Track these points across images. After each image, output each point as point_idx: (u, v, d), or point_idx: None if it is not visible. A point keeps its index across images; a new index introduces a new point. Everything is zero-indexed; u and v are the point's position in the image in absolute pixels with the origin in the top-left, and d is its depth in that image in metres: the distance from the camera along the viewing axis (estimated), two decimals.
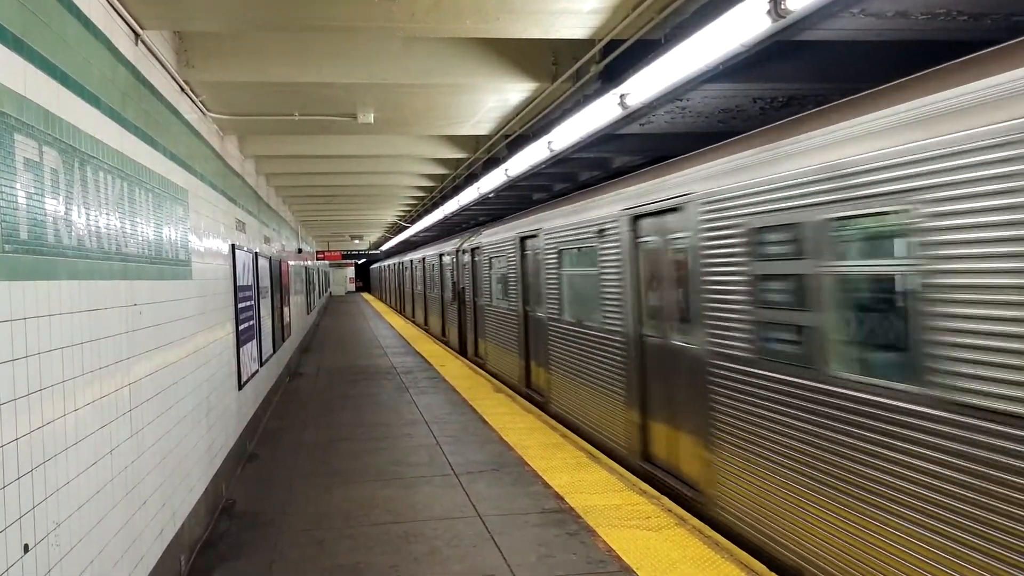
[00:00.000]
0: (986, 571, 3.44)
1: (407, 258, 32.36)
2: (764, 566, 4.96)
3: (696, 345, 6.08)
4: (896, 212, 3.98)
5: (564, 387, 9.61)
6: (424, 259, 25.63)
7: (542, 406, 10.71)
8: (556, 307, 9.78)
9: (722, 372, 5.68)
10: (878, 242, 4.38)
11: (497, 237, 13.44)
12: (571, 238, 9.08)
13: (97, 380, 3.72)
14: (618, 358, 7.78)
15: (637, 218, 7.25)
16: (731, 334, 5.55)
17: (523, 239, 11.58)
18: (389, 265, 44.48)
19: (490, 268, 14.27)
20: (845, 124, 4.40)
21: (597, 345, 8.37)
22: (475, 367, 15.50)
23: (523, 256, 11.69)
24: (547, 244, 10.08)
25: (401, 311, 36.70)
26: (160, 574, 4.70)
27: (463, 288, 17.71)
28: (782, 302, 4.98)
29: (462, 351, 18.47)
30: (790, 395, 4.85)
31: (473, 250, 16.10)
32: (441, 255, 21.11)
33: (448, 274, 19.98)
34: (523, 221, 11.72)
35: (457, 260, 18.37)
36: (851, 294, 4.43)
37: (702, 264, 5.92)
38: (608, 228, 7.87)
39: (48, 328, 3.14)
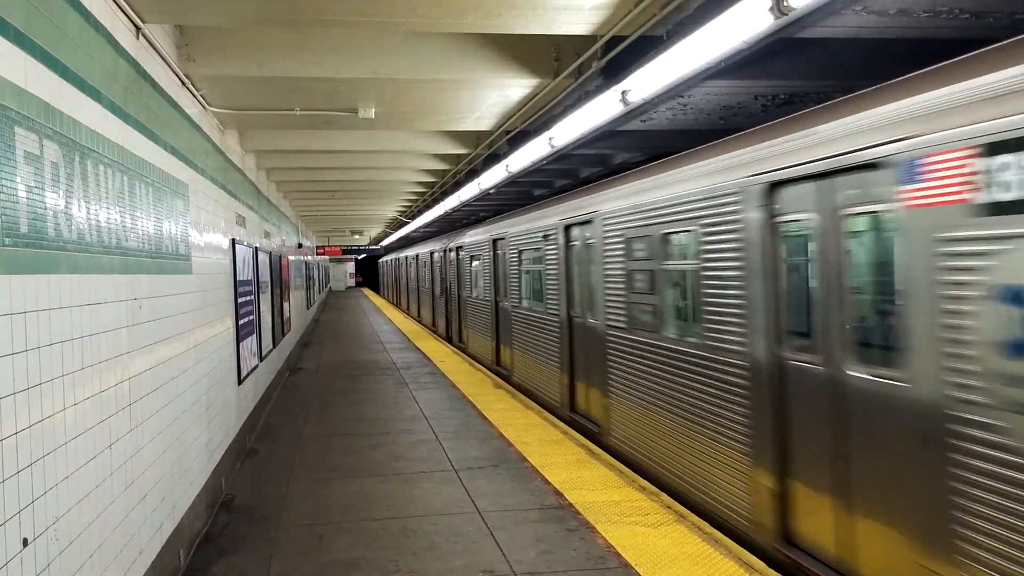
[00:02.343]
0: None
1: (403, 254, 34.05)
2: (763, 563, 4.97)
3: (599, 321, 8.35)
4: (687, 231, 6.32)
5: (522, 361, 11.98)
6: (418, 256, 27.61)
7: (507, 379, 13.03)
8: (516, 297, 12.20)
9: (613, 339, 7.97)
10: (684, 249, 6.54)
11: (476, 238, 15.59)
12: (527, 241, 11.35)
13: (97, 374, 3.72)
14: (555, 335, 10.10)
15: (568, 227, 9.47)
16: (617, 311, 7.85)
17: (495, 240, 13.77)
18: (387, 261, 46.21)
19: (470, 265, 16.47)
20: (672, 172, 6.69)
21: (543, 326, 10.70)
22: (474, 363, 15.52)
23: (495, 255, 13.93)
24: (510, 245, 12.34)
25: (398, 304, 37.92)
26: (159, 568, 4.71)
27: (450, 283, 19.83)
28: (642, 288, 7.28)
29: (448, 338, 20.73)
30: (646, 350, 7.15)
31: (457, 249, 18.10)
32: (432, 252, 23.09)
33: (437, 270, 22.22)
34: (494, 226, 14.10)
35: (444, 257, 20.44)
36: (670, 283, 6.80)
37: (603, 262, 8.13)
38: (550, 234, 10.10)
39: (48, 322, 3.14)
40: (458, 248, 17.91)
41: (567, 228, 9.47)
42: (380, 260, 54.67)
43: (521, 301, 11.87)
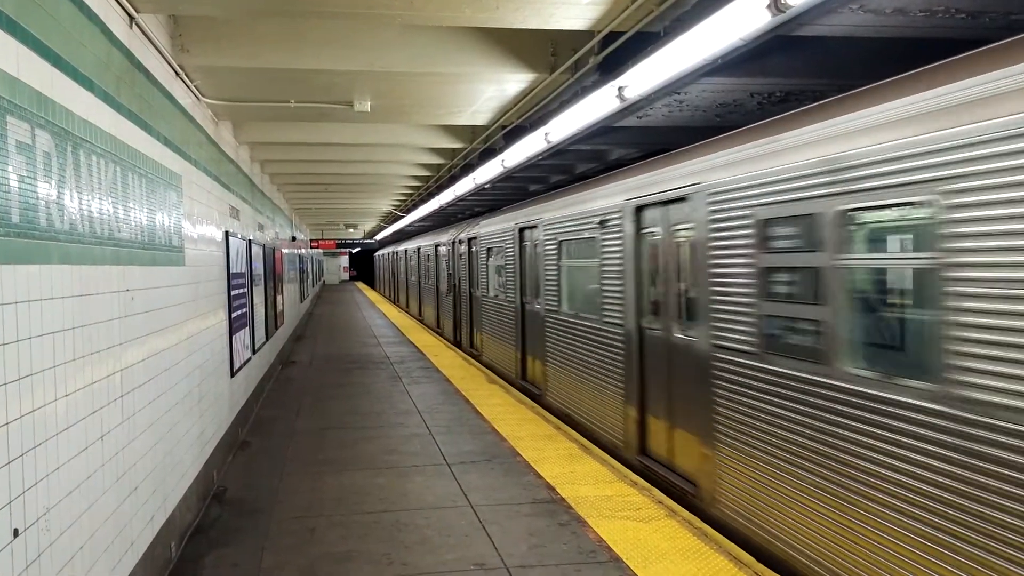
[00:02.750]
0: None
1: (401, 248, 31.90)
2: (752, 557, 4.98)
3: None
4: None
5: (565, 381, 9.43)
6: (419, 249, 25.14)
7: (538, 399, 10.59)
8: (555, 299, 9.77)
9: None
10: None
11: (495, 228, 13.18)
12: (575, 228, 8.97)
13: (89, 365, 3.70)
14: (615, 350, 7.87)
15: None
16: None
17: (522, 230, 11.47)
18: (384, 255, 43.81)
19: (486, 259, 14.09)
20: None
21: (594, 339, 8.46)
22: (469, 358, 15.33)
23: (521, 248, 11.55)
24: (548, 235, 9.97)
25: (395, 300, 35.99)
26: (150, 560, 4.70)
27: (459, 280, 17.37)
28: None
29: (456, 342, 18.13)
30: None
31: (470, 241, 15.77)
32: (437, 245, 20.70)
33: (443, 265, 19.71)
34: (522, 212, 11.57)
35: (453, 251, 17.99)
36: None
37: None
38: (612, 219, 7.86)
39: (40, 313, 3.12)
40: (470, 240, 15.67)
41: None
42: (376, 254, 52.19)
43: (561, 305, 9.61)
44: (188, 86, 6.63)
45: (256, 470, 7.51)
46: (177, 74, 6.15)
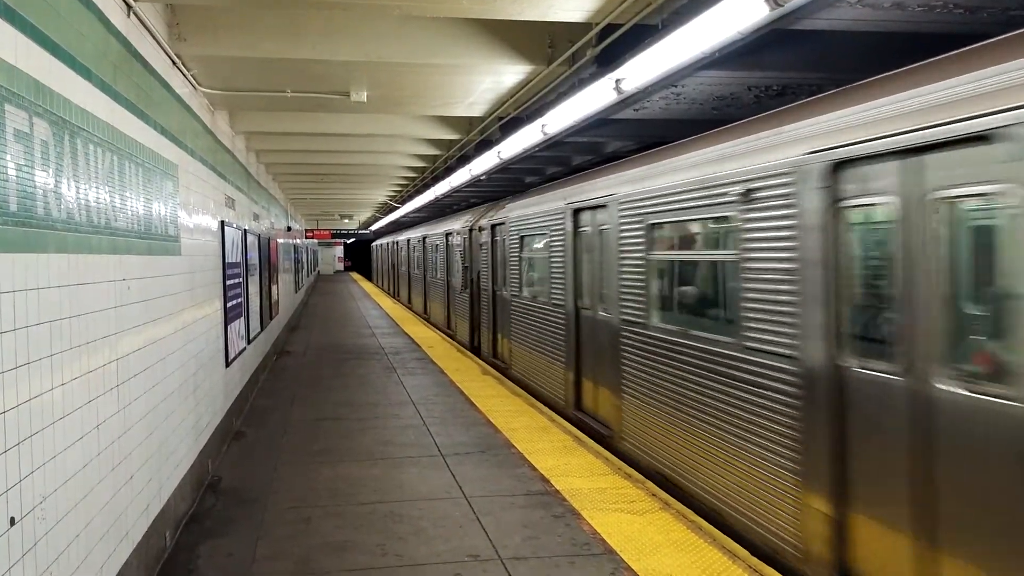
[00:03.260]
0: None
1: (403, 237, 29.02)
2: (746, 551, 5.01)
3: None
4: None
5: (657, 427, 6.77)
6: (425, 239, 22.15)
7: (606, 441, 7.87)
8: (639, 307, 7.11)
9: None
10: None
11: (535, 210, 10.55)
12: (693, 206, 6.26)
13: (84, 354, 3.70)
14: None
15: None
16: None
17: (577, 212, 8.82)
18: (383, 245, 41.01)
19: (520, 249, 11.33)
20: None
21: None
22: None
23: (576, 235, 8.91)
24: (629, 216, 7.29)
25: (395, 295, 33.20)
26: (145, 549, 4.71)
27: (478, 274, 14.65)
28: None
29: (474, 348, 15.20)
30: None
31: (494, 227, 13.09)
32: (448, 234, 17.89)
33: (457, 256, 16.79)
34: (576, 187, 9.05)
35: (470, 240, 15.17)
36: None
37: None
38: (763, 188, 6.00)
39: (36, 301, 3.12)
40: (495, 226, 13.01)
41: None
42: (374, 244, 49.29)
43: (650, 316, 6.85)
44: (185, 75, 6.60)
45: (251, 460, 7.52)
46: (174, 63, 6.12)
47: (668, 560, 4.91)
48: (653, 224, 6.80)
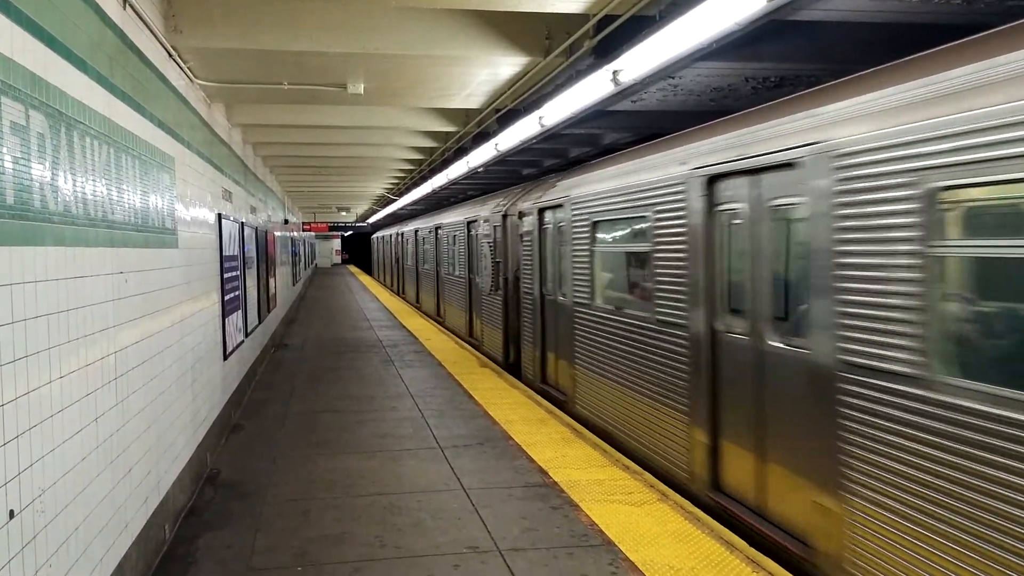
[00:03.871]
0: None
1: (410, 228, 25.32)
2: (744, 542, 5.03)
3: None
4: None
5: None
6: (437, 229, 19.00)
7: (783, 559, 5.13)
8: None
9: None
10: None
11: (618, 183, 7.53)
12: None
13: (82, 348, 3.70)
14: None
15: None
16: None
17: (712, 180, 5.84)
18: (383, 238, 38.14)
19: (591, 241, 8.24)
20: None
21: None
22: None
23: (707, 222, 5.93)
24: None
25: (400, 293, 29.52)
26: (144, 542, 4.71)
27: (514, 272, 11.72)
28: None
29: (509, 366, 12.18)
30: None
31: (542, 211, 10.09)
32: (471, 222, 14.87)
33: (484, 249, 13.59)
34: (722, 141, 5.83)
35: (504, 229, 12.19)
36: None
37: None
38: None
39: (34, 295, 3.12)
40: (543, 211, 10.02)
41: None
42: (375, 236, 45.12)
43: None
44: (181, 67, 6.58)
45: (249, 453, 7.52)
46: (170, 55, 6.10)
47: (666, 551, 4.93)
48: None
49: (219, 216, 8.14)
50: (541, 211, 10.13)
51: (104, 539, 3.95)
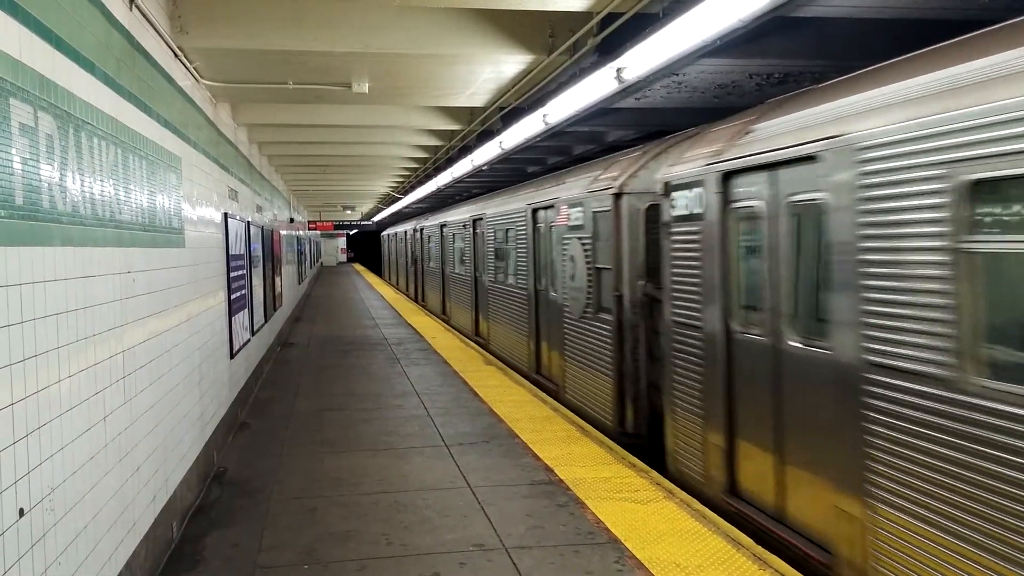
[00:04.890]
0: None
1: (432, 221, 21.09)
2: (750, 539, 5.04)
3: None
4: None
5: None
6: (475, 222, 14.79)
7: None
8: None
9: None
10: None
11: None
12: None
13: (91, 347, 3.73)
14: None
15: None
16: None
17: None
18: (394, 235, 34.01)
19: (731, 241, 5.66)
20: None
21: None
22: (472, 343, 12.63)
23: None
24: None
25: (418, 299, 25.26)
26: (152, 540, 4.74)
27: (644, 288, 7.63)
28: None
29: (637, 447, 7.47)
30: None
31: (727, 178, 5.61)
32: (536, 210, 10.66)
33: (574, 249, 8.86)
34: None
35: (616, 216, 7.79)
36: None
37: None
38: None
39: (43, 294, 3.14)
40: (618, 195, 7.68)
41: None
42: (384, 233, 42.09)
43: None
44: (187, 68, 6.61)
45: (256, 451, 7.55)
46: (176, 56, 6.12)
47: (672, 549, 4.94)
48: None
49: (225, 215, 8.17)
50: (726, 176, 5.61)
51: (112, 537, 3.98)
